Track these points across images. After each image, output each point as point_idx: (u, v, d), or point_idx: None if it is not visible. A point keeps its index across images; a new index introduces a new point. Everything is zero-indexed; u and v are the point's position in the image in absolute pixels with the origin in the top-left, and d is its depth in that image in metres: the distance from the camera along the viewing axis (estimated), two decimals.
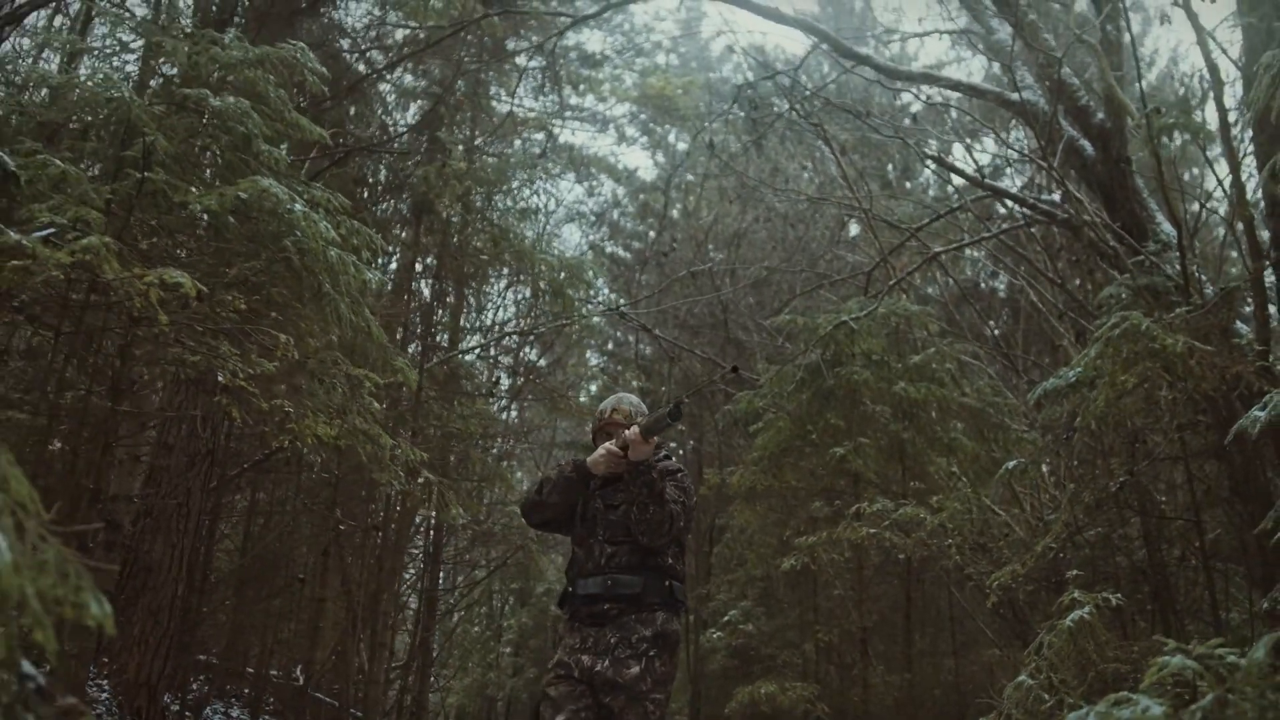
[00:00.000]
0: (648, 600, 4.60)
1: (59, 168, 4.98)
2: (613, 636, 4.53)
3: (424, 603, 13.78)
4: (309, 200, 5.99)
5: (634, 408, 5.15)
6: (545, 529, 5.15)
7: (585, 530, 4.86)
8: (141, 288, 4.51)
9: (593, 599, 4.66)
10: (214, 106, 5.46)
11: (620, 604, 4.60)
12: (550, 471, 5.02)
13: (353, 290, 5.59)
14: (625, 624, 4.55)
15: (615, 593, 4.61)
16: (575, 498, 4.91)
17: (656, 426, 4.50)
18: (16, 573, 2.33)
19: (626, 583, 4.62)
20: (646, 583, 4.63)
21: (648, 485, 4.53)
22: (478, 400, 11.92)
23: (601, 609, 4.62)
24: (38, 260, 4.37)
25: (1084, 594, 6.03)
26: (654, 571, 4.67)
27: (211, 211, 5.16)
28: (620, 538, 4.73)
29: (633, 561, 4.68)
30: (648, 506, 4.53)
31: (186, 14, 10.52)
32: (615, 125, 18.56)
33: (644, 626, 4.53)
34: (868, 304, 10.82)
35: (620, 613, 4.59)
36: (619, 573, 4.66)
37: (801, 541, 9.91)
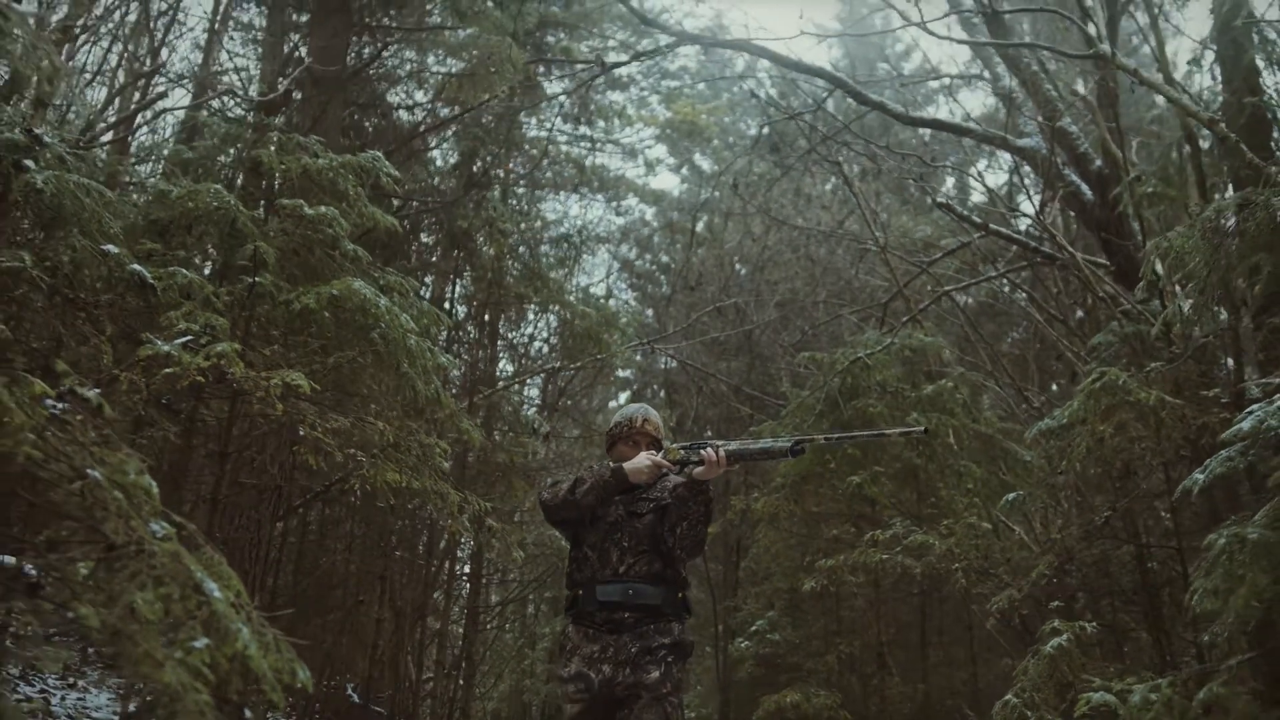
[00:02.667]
0: (665, 610, 4.75)
1: (186, 276, 6.14)
2: (633, 646, 4.66)
3: (467, 617, 15.00)
4: (384, 285, 7.17)
5: (659, 421, 5.28)
6: (560, 527, 5.24)
7: (603, 535, 4.93)
8: (265, 385, 5.66)
9: (612, 606, 4.77)
10: (307, 215, 6.62)
11: (639, 613, 4.74)
12: (585, 473, 5.06)
13: (428, 368, 6.74)
14: (644, 633, 4.69)
15: (635, 602, 4.74)
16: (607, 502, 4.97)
17: (761, 456, 4.76)
18: (263, 655, 3.50)
19: (647, 593, 4.75)
20: (665, 594, 4.78)
21: (705, 505, 4.74)
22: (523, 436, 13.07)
23: (620, 617, 4.74)
24: (183, 367, 5.51)
25: (1063, 623, 7.11)
26: (671, 583, 4.82)
27: (310, 309, 6.32)
28: (643, 547, 4.84)
29: (652, 571, 4.80)
30: (697, 525, 4.75)
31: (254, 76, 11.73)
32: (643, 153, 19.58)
33: (662, 636, 4.69)
34: (883, 339, 11.89)
35: (638, 621, 4.72)
36: (639, 582, 4.78)
37: (821, 563, 11.02)
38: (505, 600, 17.85)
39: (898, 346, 11.78)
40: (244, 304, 6.42)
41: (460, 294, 15.71)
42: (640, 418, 5.20)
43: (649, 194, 20.39)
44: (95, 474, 3.71)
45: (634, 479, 4.81)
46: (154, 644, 3.38)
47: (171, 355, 5.53)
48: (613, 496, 4.90)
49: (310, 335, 6.71)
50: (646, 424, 5.17)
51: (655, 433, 5.15)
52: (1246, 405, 7.27)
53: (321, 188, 7.21)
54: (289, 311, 6.41)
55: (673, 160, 21.50)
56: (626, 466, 4.84)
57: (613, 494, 4.88)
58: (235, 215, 6.58)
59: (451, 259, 14.85)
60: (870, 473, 11.25)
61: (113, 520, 3.62)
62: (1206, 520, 8.68)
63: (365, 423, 6.70)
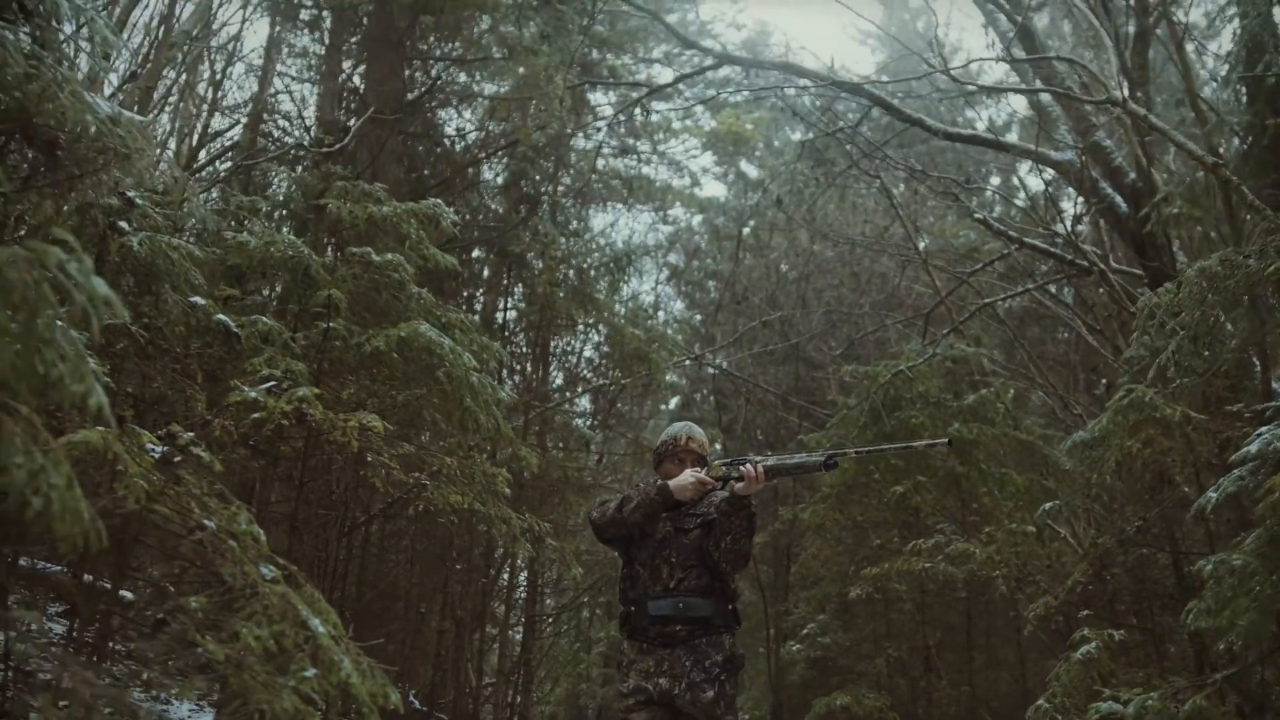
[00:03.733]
0: (715, 623, 4.89)
1: (266, 324, 6.76)
2: (687, 659, 4.80)
3: (525, 624, 15.66)
4: (445, 323, 7.78)
5: (704, 438, 5.40)
6: (611, 544, 5.38)
7: (653, 551, 5.06)
8: (343, 426, 6.28)
9: (664, 620, 4.90)
10: (375, 261, 7.24)
11: (691, 625, 4.87)
12: (632, 491, 5.19)
13: (489, 401, 7.35)
14: (697, 647, 4.83)
15: (686, 615, 4.87)
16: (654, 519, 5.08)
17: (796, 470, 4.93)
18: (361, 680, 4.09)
19: (698, 606, 4.88)
20: (715, 606, 4.91)
21: (748, 519, 4.86)
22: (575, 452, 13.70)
23: (673, 630, 4.88)
24: (268, 411, 6.13)
25: (1092, 630, 7.61)
26: (720, 595, 4.95)
27: (380, 350, 6.93)
28: (691, 561, 4.96)
29: (702, 585, 4.92)
30: (741, 539, 4.85)
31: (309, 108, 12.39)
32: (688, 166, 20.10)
33: (715, 650, 4.83)
34: (925, 350, 12.39)
35: (690, 634, 4.85)
36: (690, 595, 4.90)
37: (867, 571, 11.55)
38: (561, 608, 18.46)
39: (939, 358, 12.25)
40: (319, 347, 7.06)
41: (511, 306, 16.37)
42: (684, 436, 5.34)
43: (696, 202, 20.93)
44: (211, 524, 4.31)
45: (679, 496, 4.97)
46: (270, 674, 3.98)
47: (258, 401, 6.14)
48: (659, 514, 5.05)
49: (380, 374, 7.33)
50: (691, 441, 5.31)
51: (700, 450, 5.28)
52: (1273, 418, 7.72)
53: (385, 231, 7.83)
54: (360, 353, 7.03)
55: (719, 169, 22.04)
56: (672, 484, 5.00)
57: (659, 511, 5.03)
58: (308, 263, 7.20)
59: (502, 276, 15.51)
60: (913, 482, 11.75)
61: (229, 565, 4.22)
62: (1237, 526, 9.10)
63: (431, 454, 7.30)
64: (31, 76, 3.67)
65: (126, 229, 6.38)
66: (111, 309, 2.54)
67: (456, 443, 7.72)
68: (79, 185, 4.64)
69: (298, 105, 15.58)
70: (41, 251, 2.51)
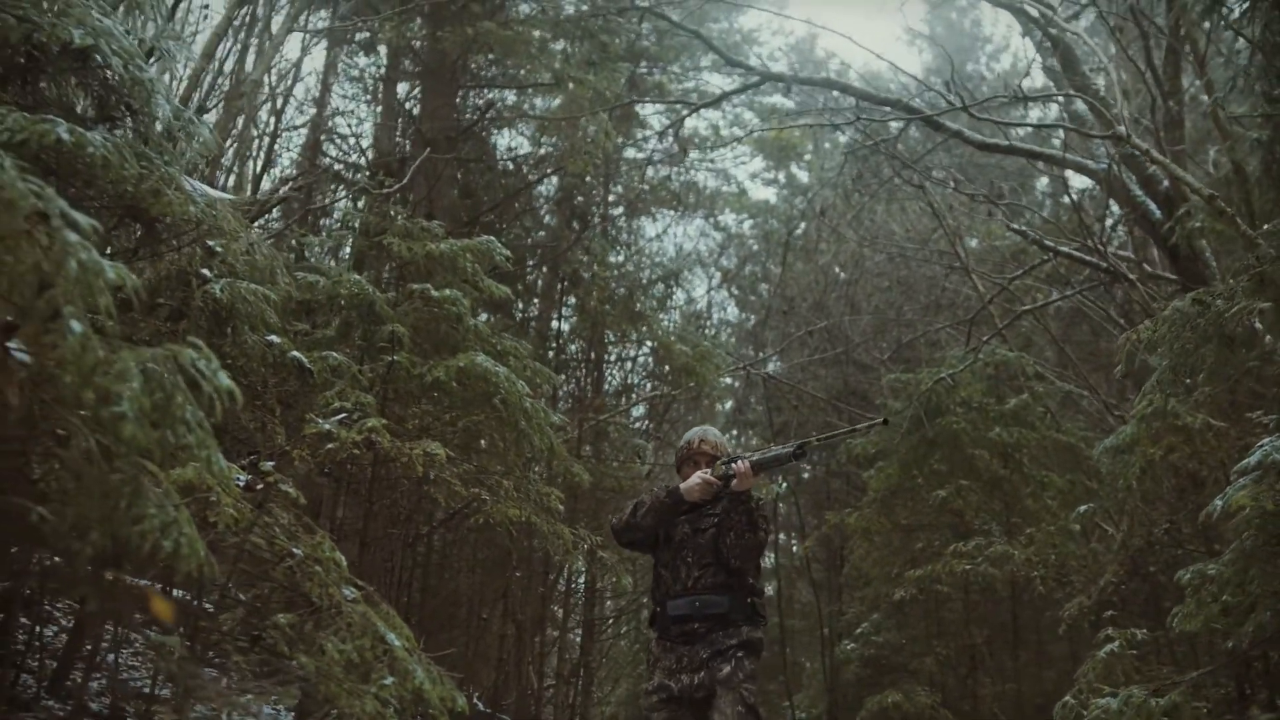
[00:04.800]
0: (733, 618, 5.08)
1: (336, 359, 7.49)
2: (704, 652, 5.01)
3: (584, 627, 16.38)
4: (500, 351, 8.49)
5: (718, 439, 5.60)
6: (632, 549, 5.74)
7: (672, 553, 5.30)
8: (409, 454, 6.99)
9: (683, 619, 5.12)
10: (434, 297, 7.96)
11: (709, 622, 5.07)
12: (645, 496, 5.42)
13: (543, 425, 8.05)
14: (714, 639, 5.03)
15: (704, 612, 5.07)
16: (668, 522, 5.32)
17: (774, 464, 5.19)
18: (432, 686, 4.77)
19: (714, 603, 5.08)
20: (732, 602, 5.10)
21: (747, 514, 5.08)
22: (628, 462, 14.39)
23: (691, 628, 5.09)
24: (341, 441, 6.85)
25: (1115, 630, 8.16)
26: (738, 591, 5.14)
27: (440, 380, 7.64)
28: (707, 560, 5.16)
29: (718, 582, 5.12)
30: (744, 533, 5.06)
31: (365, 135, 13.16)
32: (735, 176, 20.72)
33: (730, 638, 5.02)
34: (966, 356, 12.93)
35: (709, 630, 5.06)
36: (706, 593, 5.11)
37: (910, 574, 12.14)
38: (619, 611, 19.13)
39: (981, 363, 12.79)
40: (384, 378, 7.79)
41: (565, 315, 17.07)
42: (698, 439, 5.56)
43: (746, 206, 21.53)
44: (299, 552, 5.02)
45: (688, 497, 5.19)
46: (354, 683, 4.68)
47: (331, 432, 6.86)
48: (671, 515, 5.29)
49: (441, 401, 8.05)
50: (703, 444, 5.51)
51: (713, 451, 5.46)
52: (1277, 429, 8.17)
53: (444, 266, 8.54)
54: (422, 383, 7.74)
55: (768, 174, 22.65)
56: (682, 486, 5.24)
57: (670, 513, 5.27)
58: (373, 299, 7.94)
59: (555, 288, 16.25)
60: (955, 486, 12.31)
61: (315, 588, 4.92)
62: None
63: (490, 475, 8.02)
64: (144, 176, 4.39)
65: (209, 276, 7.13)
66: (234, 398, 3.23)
67: (513, 461, 8.42)
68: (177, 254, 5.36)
69: (353, 128, 16.38)
70: (177, 352, 3.21)
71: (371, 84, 16.25)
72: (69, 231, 2.97)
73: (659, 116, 18.19)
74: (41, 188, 2.94)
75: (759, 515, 5.20)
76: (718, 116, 20.22)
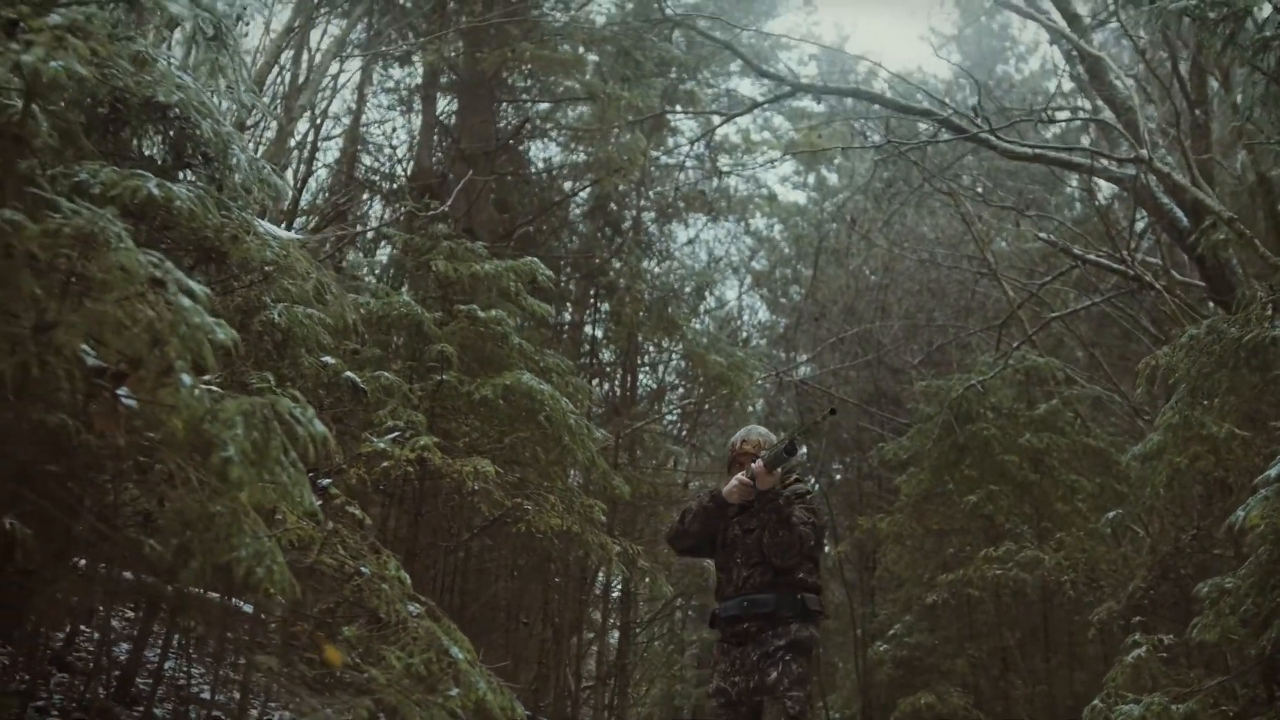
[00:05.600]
0: (782, 615, 5.15)
1: (388, 378, 7.87)
2: (754, 654, 5.12)
3: (620, 630, 16.79)
4: (544, 368, 8.87)
5: (763, 438, 5.69)
6: (690, 554, 5.86)
7: (726, 555, 5.44)
8: (459, 470, 7.38)
9: (734, 620, 5.26)
10: (480, 317, 8.34)
11: (758, 622, 5.17)
12: (691, 502, 5.67)
13: (585, 440, 8.44)
14: (763, 640, 5.13)
15: (752, 612, 5.18)
16: (715, 525, 5.47)
17: (775, 461, 5.25)
18: (494, 697, 5.14)
19: (762, 601, 5.18)
20: (780, 599, 5.18)
21: (775, 511, 5.18)
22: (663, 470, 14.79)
23: (742, 628, 5.22)
24: (394, 459, 7.23)
25: (1142, 635, 8.46)
26: (787, 588, 5.21)
27: (487, 398, 8.03)
28: (755, 560, 5.27)
29: (766, 581, 5.22)
30: (777, 530, 5.15)
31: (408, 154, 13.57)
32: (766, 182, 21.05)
33: (778, 638, 5.11)
34: (997, 362, 13.23)
35: (759, 630, 5.16)
36: (754, 592, 5.23)
37: (943, 578, 12.46)
38: (655, 614, 19.52)
39: (1010, 370, 13.08)
40: (432, 396, 8.18)
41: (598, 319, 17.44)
42: (740, 440, 5.75)
43: (777, 210, 21.84)
44: (366, 570, 5.40)
45: (729, 499, 5.39)
46: (421, 694, 5.05)
47: (386, 450, 7.25)
48: (717, 519, 5.48)
49: (488, 417, 8.44)
50: (744, 444, 5.69)
51: (755, 450, 5.55)
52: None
53: (487, 286, 8.93)
54: (470, 400, 8.12)
55: (798, 177, 22.98)
56: (724, 489, 5.42)
57: (715, 516, 5.47)
58: (421, 320, 8.32)
59: (589, 294, 16.63)
60: (986, 491, 12.61)
61: (382, 605, 5.30)
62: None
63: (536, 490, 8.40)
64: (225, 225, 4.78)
65: (268, 302, 7.52)
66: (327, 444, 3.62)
67: (555, 474, 8.81)
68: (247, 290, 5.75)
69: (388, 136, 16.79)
70: (275, 400, 3.60)
71: (406, 95, 16.67)
72: (184, 297, 3.35)
73: (690, 121, 18.54)
74: (161, 260, 3.32)
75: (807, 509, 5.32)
76: (747, 120, 20.55)
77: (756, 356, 17.29)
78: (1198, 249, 10.77)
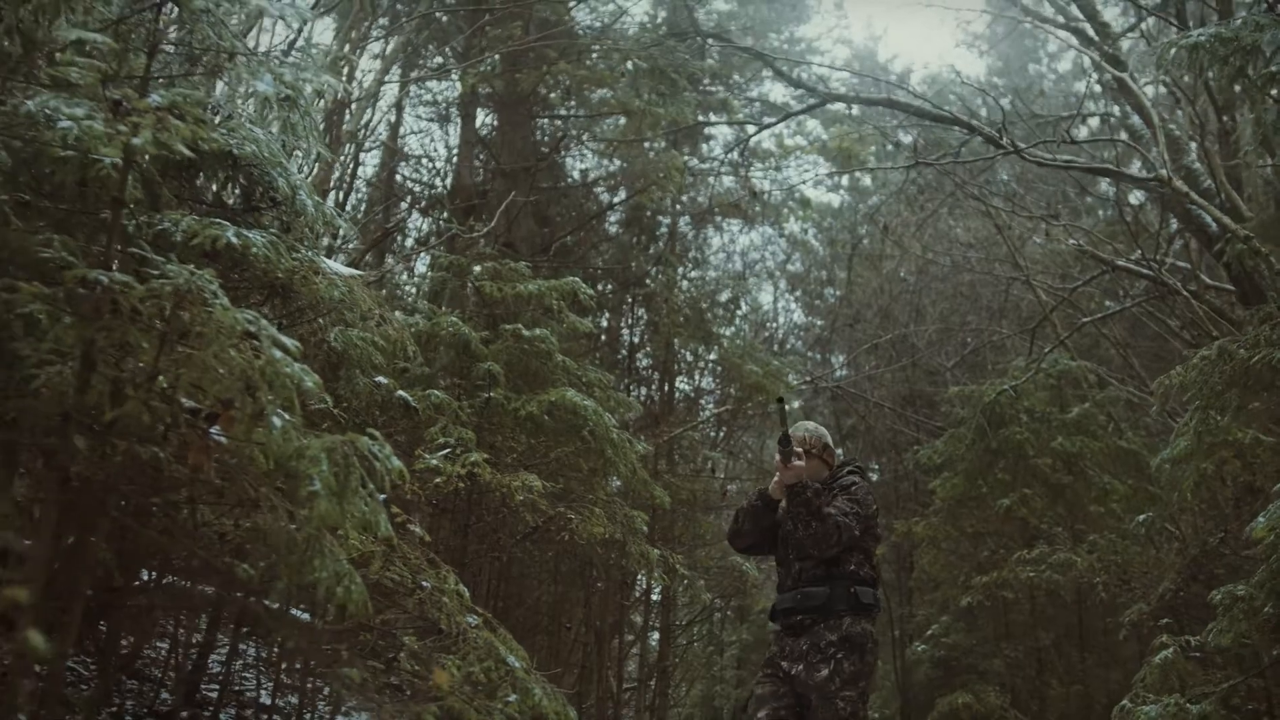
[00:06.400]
0: (835, 608, 5.16)
1: (438, 397, 8.30)
2: (805, 644, 5.14)
3: (661, 632, 17.20)
4: (586, 382, 9.29)
5: (809, 433, 5.71)
6: (749, 553, 5.93)
7: (782, 549, 5.48)
8: (508, 485, 7.81)
9: (789, 612, 5.29)
10: (525, 335, 8.77)
11: (811, 614, 5.19)
12: (743, 501, 5.71)
13: (628, 454, 8.86)
14: (815, 632, 5.14)
15: (805, 605, 5.21)
16: (766, 522, 5.50)
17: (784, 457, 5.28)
18: (549, 703, 5.56)
19: (814, 594, 5.20)
20: (832, 592, 5.19)
21: (804, 504, 5.17)
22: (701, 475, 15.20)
23: (796, 620, 5.24)
24: (447, 476, 7.66)
25: (1169, 637, 8.78)
26: (838, 580, 5.22)
27: (533, 414, 8.46)
28: (806, 554, 5.28)
29: (818, 574, 5.25)
30: (809, 522, 5.13)
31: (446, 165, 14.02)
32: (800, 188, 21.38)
33: (830, 632, 5.12)
34: (1029, 366, 13.54)
35: (813, 622, 5.18)
36: (807, 586, 5.25)
37: (978, 581, 12.80)
38: (694, 618, 19.91)
39: (1042, 375, 13.40)
40: (480, 413, 8.62)
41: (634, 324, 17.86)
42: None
43: (809, 215, 22.19)
44: (428, 585, 5.82)
45: (774, 495, 5.41)
46: (482, 700, 5.47)
47: (438, 466, 7.68)
48: (766, 515, 5.50)
49: (534, 431, 8.88)
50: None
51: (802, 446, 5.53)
52: None
53: (531, 304, 9.37)
54: (516, 417, 8.56)
55: (831, 180, 23.30)
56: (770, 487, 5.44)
57: (763, 513, 5.49)
58: (468, 339, 8.76)
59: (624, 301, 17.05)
60: (1019, 495, 12.94)
61: (444, 617, 5.72)
62: None
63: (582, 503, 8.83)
64: (296, 269, 5.21)
65: (322, 324, 7.97)
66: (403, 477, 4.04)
67: (598, 484, 9.24)
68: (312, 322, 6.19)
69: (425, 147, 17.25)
70: (356, 439, 4.03)
71: (444, 109, 17.10)
72: (275, 349, 3.78)
73: (724, 127, 18.91)
74: (256, 318, 3.76)
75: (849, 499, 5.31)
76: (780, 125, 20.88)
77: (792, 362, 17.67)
78: (1224, 257, 11.07)
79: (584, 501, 8.97)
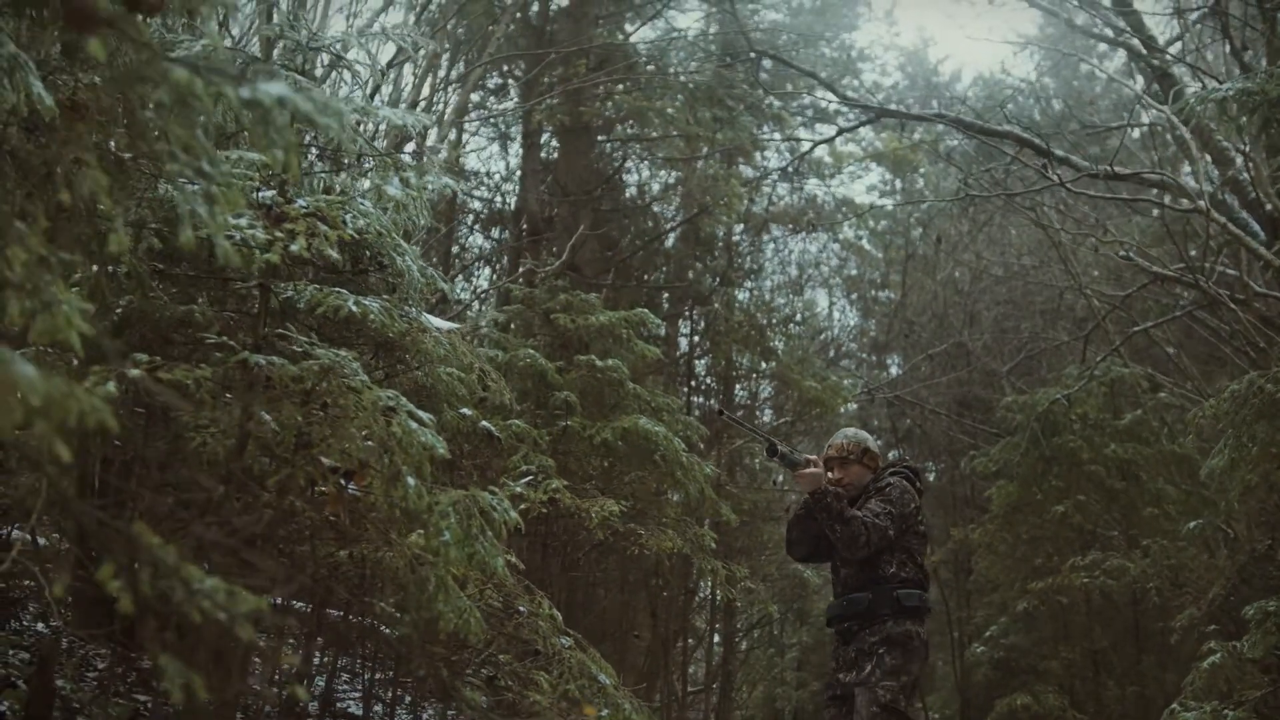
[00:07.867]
0: (878, 612, 5.32)
1: (519, 426, 9.01)
2: (853, 651, 5.35)
3: (724, 639, 17.89)
4: (655, 407, 9.98)
5: (847, 439, 5.90)
6: (808, 561, 6.01)
7: (834, 558, 5.69)
8: (588, 510, 8.51)
9: (838, 618, 5.51)
10: (598, 365, 9.47)
11: (857, 620, 5.39)
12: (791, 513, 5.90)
13: (697, 476, 9.55)
14: (860, 637, 5.34)
15: (850, 611, 5.40)
16: (815, 530, 5.60)
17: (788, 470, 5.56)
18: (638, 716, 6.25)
19: (857, 600, 5.39)
20: (874, 597, 5.35)
21: (825, 509, 5.29)
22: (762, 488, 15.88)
23: (844, 627, 5.46)
24: (530, 502, 8.36)
25: (1218, 642, 9.33)
26: (879, 584, 5.38)
27: (608, 440, 9.16)
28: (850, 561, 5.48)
29: (860, 580, 5.42)
30: (834, 526, 5.27)
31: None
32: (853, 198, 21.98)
33: (872, 635, 5.30)
34: (1081, 376, 14.04)
35: (859, 628, 5.37)
36: (852, 592, 5.45)
37: (1033, 586, 13.35)
38: (755, 623, 20.55)
39: (1095, 383, 13.91)
40: (558, 440, 9.34)
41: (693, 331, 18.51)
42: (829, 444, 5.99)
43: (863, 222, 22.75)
44: (524, 609, 6.52)
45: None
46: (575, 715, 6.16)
47: (521, 494, 8.39)
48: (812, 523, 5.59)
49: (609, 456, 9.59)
50: (830, 448, 5.92)
51: (837, 453, 5.81)
52: None
53: (602, 335, 10.08)
54: (591, 444, 9.27)
55: (885, 185, 23.92)
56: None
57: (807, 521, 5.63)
58: (545, 370, 9.47)
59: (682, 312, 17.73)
60: (1073, 501, 13.46)
61: (539, 639, 6.42)
62: None
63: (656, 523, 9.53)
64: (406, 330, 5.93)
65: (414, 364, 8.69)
66: (519, 529, 4.75)
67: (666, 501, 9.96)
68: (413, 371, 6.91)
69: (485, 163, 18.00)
70: (476, 494, 4.74)
71: (505, 128, 17.82)
72: (411, 421, 4.49)
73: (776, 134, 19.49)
74: (396, 396, 4.47)
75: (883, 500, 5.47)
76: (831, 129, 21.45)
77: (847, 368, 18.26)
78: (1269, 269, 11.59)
79: (654, 520, 9.65)
